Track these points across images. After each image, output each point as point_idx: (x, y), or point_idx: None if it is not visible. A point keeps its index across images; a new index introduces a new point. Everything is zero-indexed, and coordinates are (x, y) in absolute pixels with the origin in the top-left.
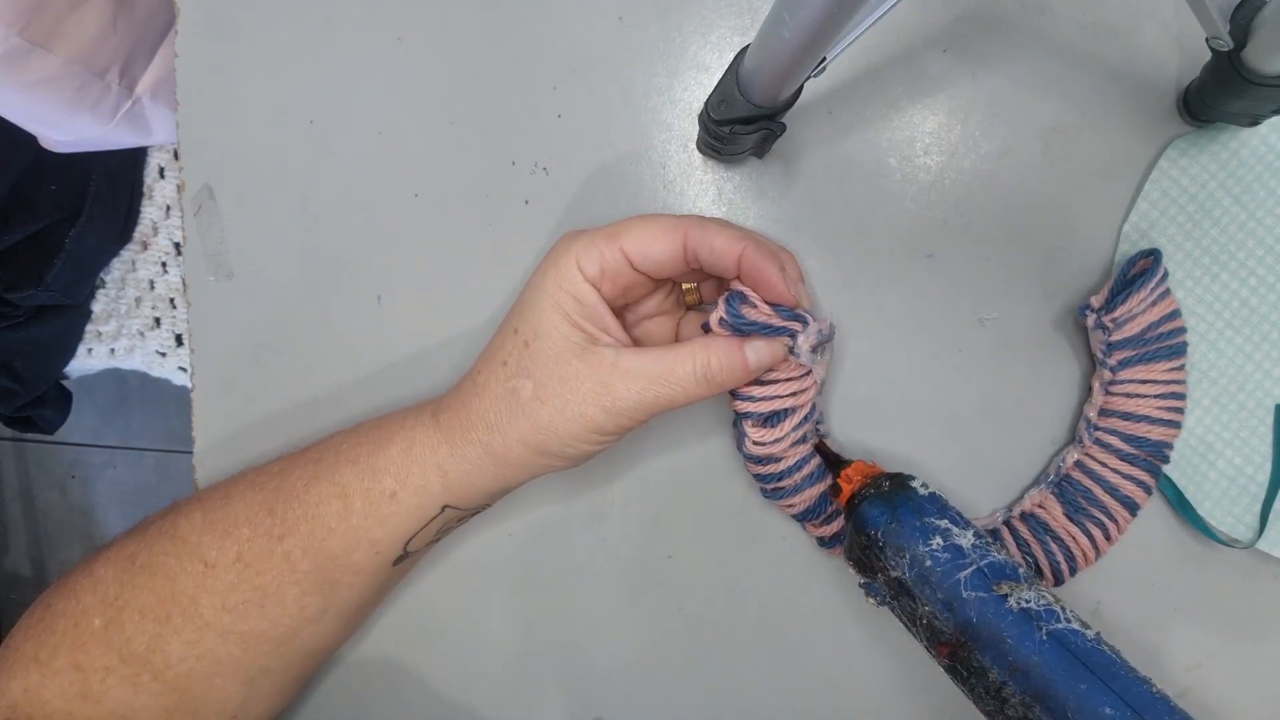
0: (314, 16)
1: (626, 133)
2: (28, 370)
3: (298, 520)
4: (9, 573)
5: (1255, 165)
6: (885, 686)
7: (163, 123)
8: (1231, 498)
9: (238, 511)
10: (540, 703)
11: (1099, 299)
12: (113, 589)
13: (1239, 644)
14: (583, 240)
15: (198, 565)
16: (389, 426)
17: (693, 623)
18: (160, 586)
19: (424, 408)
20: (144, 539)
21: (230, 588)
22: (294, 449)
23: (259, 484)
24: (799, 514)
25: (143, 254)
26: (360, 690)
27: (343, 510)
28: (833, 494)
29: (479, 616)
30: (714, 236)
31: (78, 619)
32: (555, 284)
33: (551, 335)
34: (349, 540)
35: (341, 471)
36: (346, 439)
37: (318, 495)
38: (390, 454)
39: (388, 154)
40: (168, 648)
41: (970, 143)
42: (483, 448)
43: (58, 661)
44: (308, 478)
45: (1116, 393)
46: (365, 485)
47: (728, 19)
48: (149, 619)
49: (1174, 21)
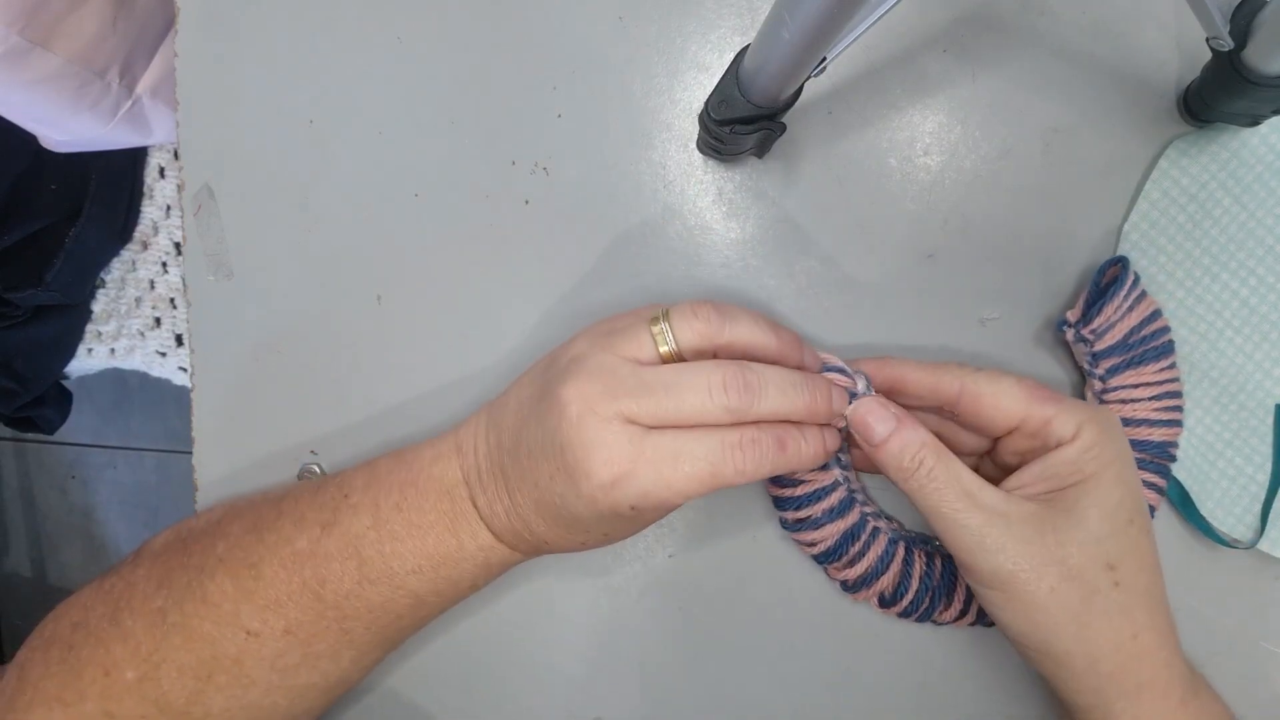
0: (314, 16)
1: (626, 133)
2: (28, 370)
3: (359, 611)
4: (9, 573)
5: (1255, 165)
6: (885, 686)
7: (163, 122)
8: (1233, 497)
9: (276, 591)
10: (541, 703)
11: (1075, 313)
12: (146, 645)
13: (1239, 644)
14: (633, 492)
15: (239, 633)
16: (441, 541)
17: (693, 623)
18: (200, 649)
19: (474, 528)
20: (170, 594)
21: (279, 654)
22: (294, 448)
23: (290, 565)
24: (821, 554)
25: (143, 254)
26: (359, 690)
27: (415, 604)
28: None
29: (478, 616)
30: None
31: (108, 669)
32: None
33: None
34: (420, 620)
35: (404, 580)
36: (384, 539)
37: (379, 595)
38: (464, 569)
39: (388, 154)
40: (209, 701)
41: (970, 143)
42: (562, 544)
43: (86, 706)
44: (356, 578)
45: (1111, 400)
46: (439, 589)
47: (728, 19)
48: (189, 676)
49: (1174, 22)
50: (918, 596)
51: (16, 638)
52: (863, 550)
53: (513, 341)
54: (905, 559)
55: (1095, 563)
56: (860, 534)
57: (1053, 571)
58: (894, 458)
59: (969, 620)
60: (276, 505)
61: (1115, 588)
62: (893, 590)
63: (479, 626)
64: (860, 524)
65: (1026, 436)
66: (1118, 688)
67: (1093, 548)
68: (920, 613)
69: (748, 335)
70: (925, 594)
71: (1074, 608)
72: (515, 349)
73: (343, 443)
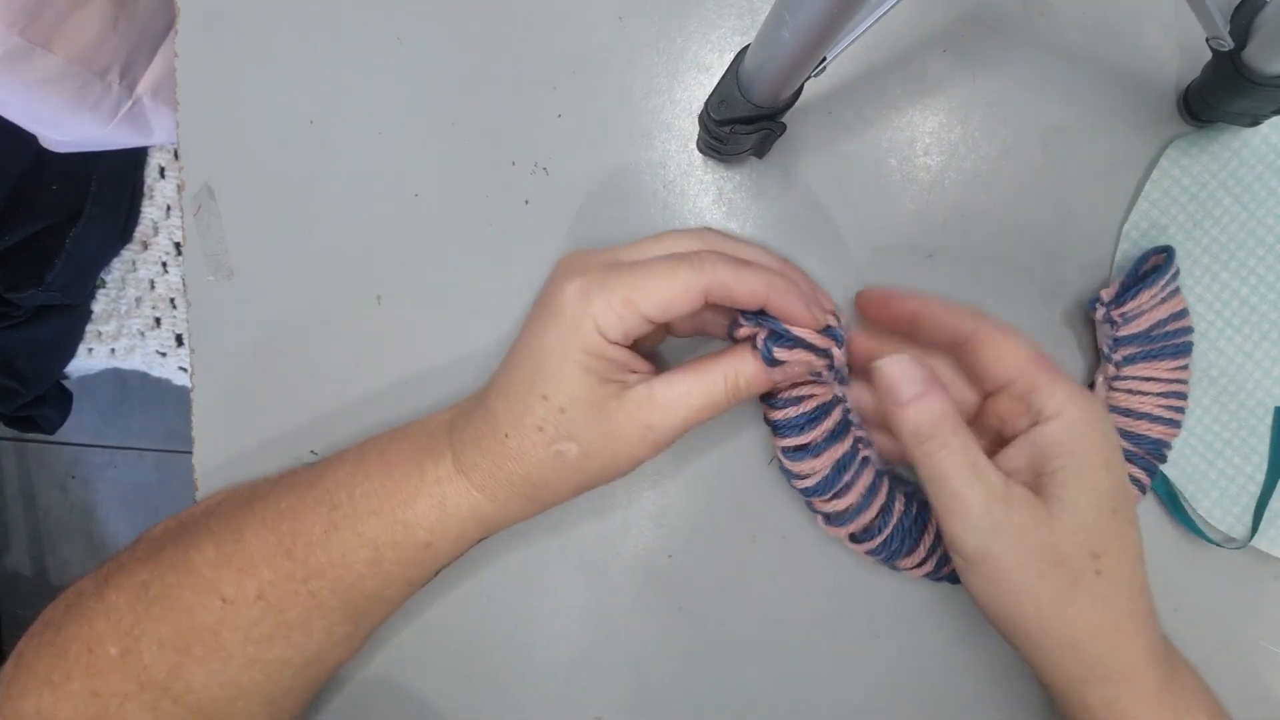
0: (314, 16)
1: (626, 133)
2: (28, 370)
3: (323, 566)
4: (9, 572)
5: (1256, 164)
6: (885, 686)
7: (163, 123)
8: (1231, 497)
9: (253, 551)
10: (540, 703)
11: (1109, 292)
12: (127, 618)
13: (1239, 644)
14: (599, 303)
15: (215, 600)
16: (405, 475)
17: (693, 623)
18: (178, 619)
19: (439, 453)
20: (155, 567)
21: (253, 623)
22: (294, 448)
23: (270, 523)
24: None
25: (143, 254)
26: (359, 691)
27: (374, 559)
28: None
29: (478, 616)
30: (734, 289)
31: (91, 645)
32: (579, 349)
33: (587, 397)
34: (382, 582)
35: (365, 523)
36: (357, 480)
37: (342, 544)
38: (420, 509)
39: (388, 154)
40: (189, 676)
41: (970, 143)
42: (528, 500)
43: (72, 685)
44: (325, 525)
45: (1119, 389)
46: (396, 539)
47: (728, 19)
48: (168, 649)
49: (1174, 22)
50: (890, 538)
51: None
52: (851, 481)
53: (512, 341)
54: (888, 495)
55: (1081, 550)
56: (851, 463)
57: (1040, 558)
58: (913, 422)
59: (926, 569)
60: (276, 480)
61: (1098, 575)
62: (868, 528)
63: (479, 625)
64: (852, 452)
65: (1013, 399)
66: (1094, 672)
67: (1079, 535)
68: (887, 554)
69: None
70: (897, 537)
71: (1057, 593)
72: None
73: (343, 442)
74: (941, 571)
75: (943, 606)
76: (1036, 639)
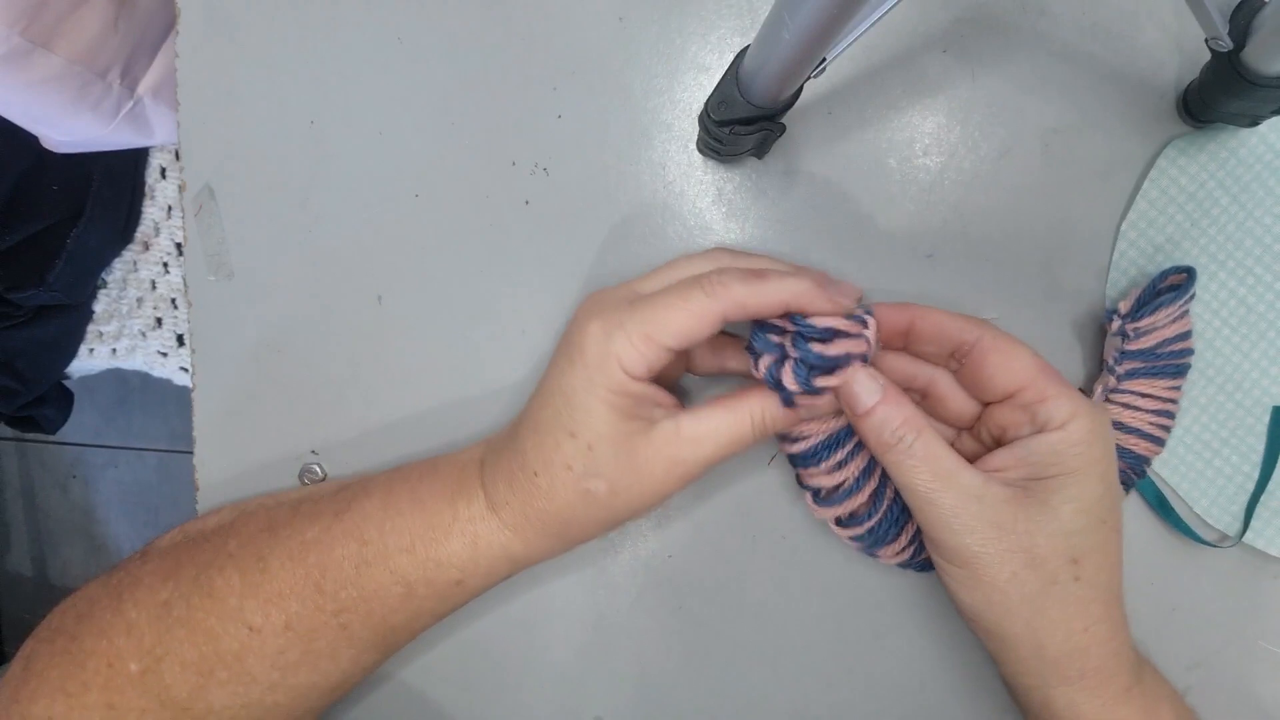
0: (314, 16)
1: (626, 133)
2: (29, 370)
3: (354, 601)
4: (10, 571)
5: (1254, 164)
6: (885, 686)
7: (164, 123)
8: (1229, 496)
9: (280, 583)
10: (540, 701)
11: (1127, 304)
12: (149, 638)
13: (1239, 643)
14: (620, 342)
15: (242, 629)
16: (437, 512)
17: (693, 623)
18: (202, 643)
19: (470, 492)
20: (176, 586)
21: (280, 651)
22: (294, 448)
23: (297, 555)
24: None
25: (144, 254)
26: (359, 691)
27: (405, 595)
28: None
29: (479, 617)
30: (749, 304)
31: (111, 660)
32: (605, 389)
33: (614, 435)
34: (412, 615)
35: (396, 560)
36: (386, 516)
37: (374, 582)
38: (452, 548)
39: (388, 154)
40: (211, 697)
41: (970, 143)
42: (557, 538)
43: (89, 697)
44: (355, 560)
45: (1116, 401)
46: (428, 576)
47: (728, 19)
48: (191, 671)
49: (1174, 22)
50: (878, 525)
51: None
52: (845, 460)
53: (512, 341)
54: (880, 482)
55: (1060, 555)
56: (846, 442)
57: (1017, 558)
58: (875, 430)
59: (903, 558)
60: (294, 506)
61: (1075, 581)
62: (856, 513)
63: (479, 626)
64: (846, 431)
65: (1017, 408)
66: (1060, 674)
67: (1060, 540)
68: (872, 541)
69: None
70: (885, 524)
71: (1030, 595)
72: (515, 349)
73: (344, 443)
74: (917, 559)
75: (943, 607)
76: (1006, 638)
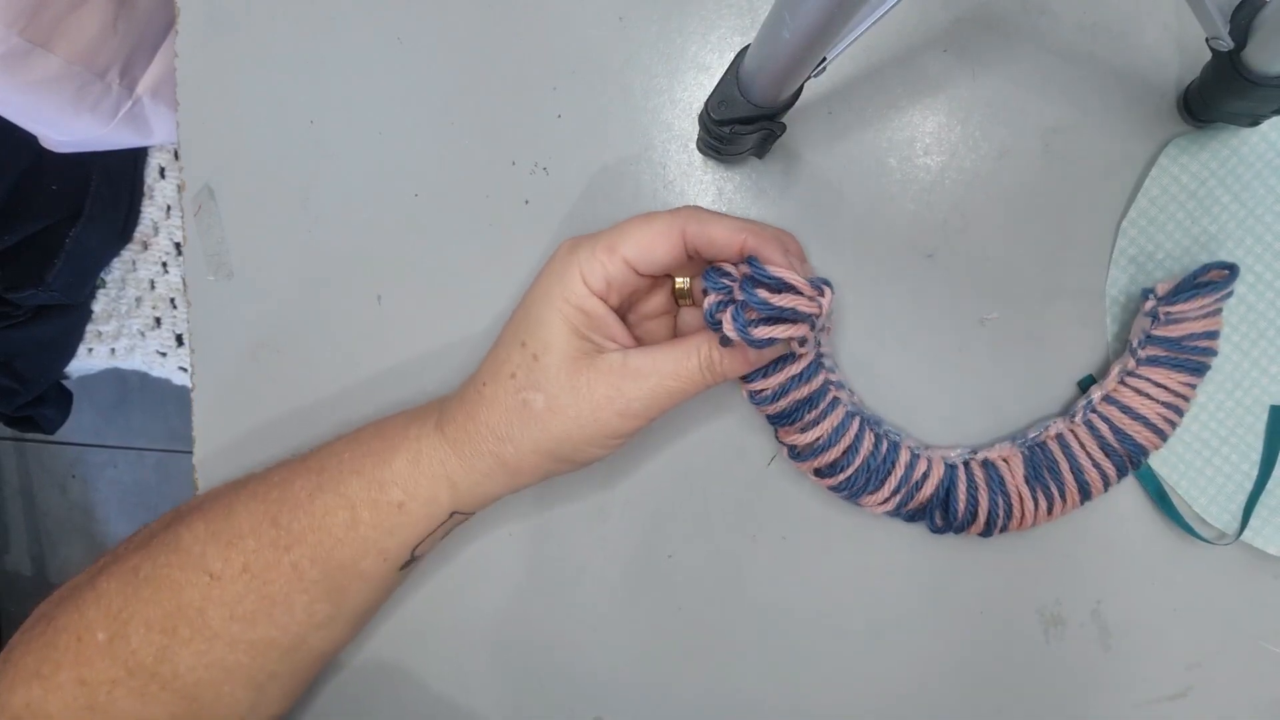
0: (314, 16)
1: (626, 133)
2: (28, 370)
3: (304, 531)
4: (9, 572)
5: (1255, 163)
6: (885, 686)
7: (163, 123)
8: (1228, 494)
9: (241, 523)
10: (540, 702)
11: (1165, 287)
12: (116, 602)
13: (1239, 643)
14: (584, 252)
15: (203, 577)
16: (392, 436)
17: (693, 623)
18: (165, 599)
19: (426, 416)
20: (147, 551)
21: (237, 598)
22: (294, 448)
23: (261, 494)
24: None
25: (143, 254)
26: (361, 691)
27: (350, 521)
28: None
29: (479, 616)
30: (712, 229)
31: (80, 633)
32: (561, 298)
33: (561, 348)
34: (357, 549)
35: (346, 483)
36: (348, 447)
37: (323, 506)
38: (396, 466)
39: (388, 154)
40: (176, 658)
41: (970, 143)
42: (494, 458)
43: (61, 676)
44: (311, 488)
45: (1129, 385)
46: (372, 496)
47: (728, 19)
48: (155, 631)
49: (1174, 22)
50: (854, 475)
51: None
52: (818, 419)
53: None
54: (856, 434)
55: None
56: (819, 402)
57: None
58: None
59: (889, 507)
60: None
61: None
62: (834, 463)
63: (478, 625)
64: (821, 391)
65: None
66: None
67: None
68: (851, 490)
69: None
70: (862, 474)
71: None
72: None
73: None
74: (903, 509)
75: (943, 607)
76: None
